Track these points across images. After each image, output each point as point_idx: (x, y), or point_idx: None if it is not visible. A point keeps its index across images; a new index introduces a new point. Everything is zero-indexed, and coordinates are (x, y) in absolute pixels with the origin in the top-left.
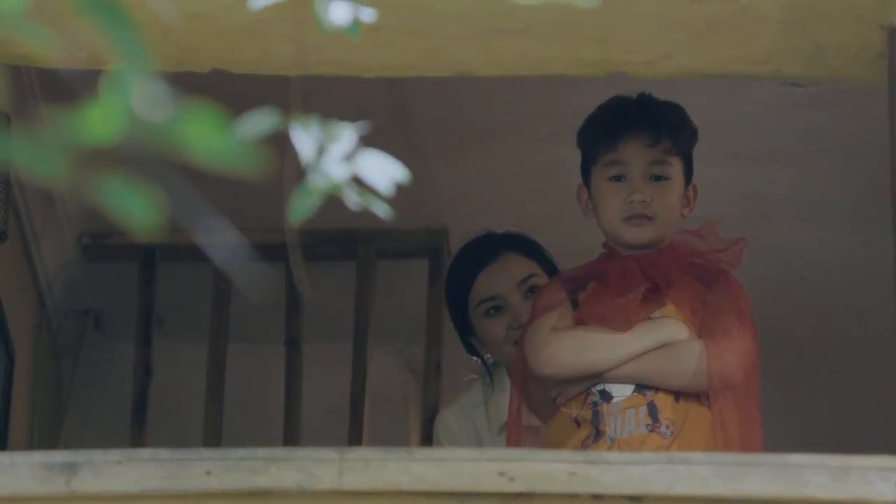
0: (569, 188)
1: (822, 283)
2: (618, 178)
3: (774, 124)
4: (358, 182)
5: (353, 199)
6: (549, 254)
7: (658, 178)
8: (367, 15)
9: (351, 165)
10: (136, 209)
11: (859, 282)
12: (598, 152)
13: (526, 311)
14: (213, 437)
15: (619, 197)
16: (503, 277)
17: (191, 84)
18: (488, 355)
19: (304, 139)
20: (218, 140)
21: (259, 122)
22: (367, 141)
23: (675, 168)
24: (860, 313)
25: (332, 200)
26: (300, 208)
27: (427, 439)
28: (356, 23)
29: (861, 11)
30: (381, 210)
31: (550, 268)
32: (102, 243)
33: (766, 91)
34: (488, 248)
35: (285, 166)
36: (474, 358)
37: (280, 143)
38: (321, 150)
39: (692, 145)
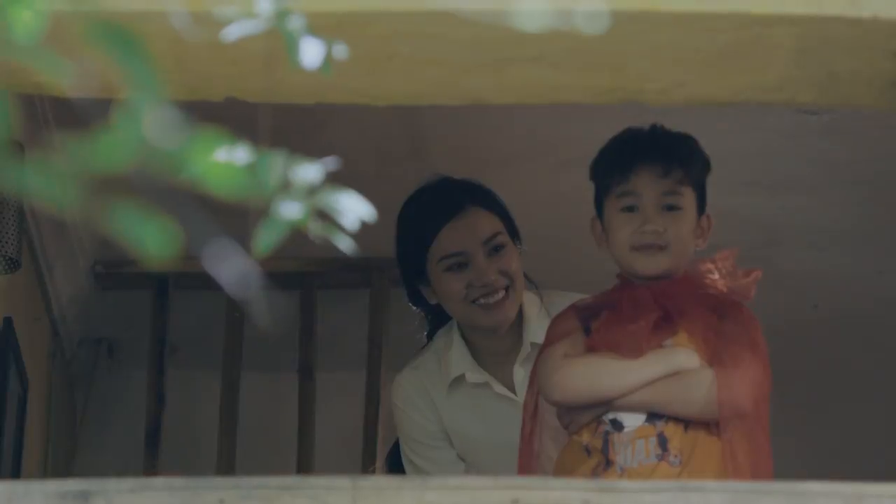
0: (582, 216)
1: (836, 311)
2: (630, 209)
3: (788, 152)
4: (323, 216)
5: (317, 233)
6: (510, 213)
7: (670, 208)
8: (340, 51)
9: (316, 199)
10: (150, 237)
11: (873, 310)
12: (610, 183)
13: (490, 271)
14: (227, 464)
15: (632, 227)
16: (470, 234)
17: (203, 112)
18: (421, 309)
19: (270, 172)
20: (230, 168)
21: (229, 153)
22: (380, 169)
23: (688, 198)
24: (874, 342)
25: (345, 229)
26: (265, 241)
27: None
28: (328, 60)
29: (874, 40)
30: (345, 245)
31: (511, 227)
32: (116, 272)
33: (779, 119)
34: (454, 199)
35: (250, 203)
36: (416, 308)
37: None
38: (286, 183)
39: (705, 176)
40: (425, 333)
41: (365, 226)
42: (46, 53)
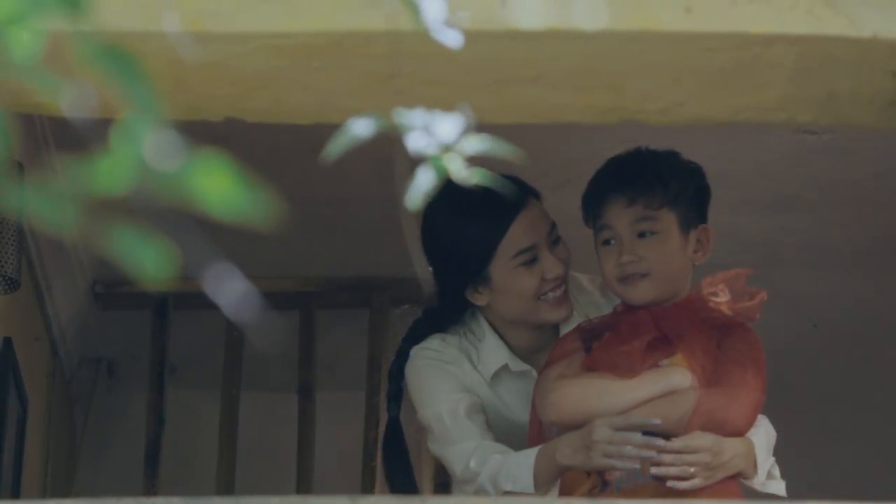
0: (581, 236)
1: (836, 330)
2: (608, 242)
3: (788, 171)
4: (469, 162)
5: (465, 176)
6: None
7: (645, 235)
8: (462, 19)
9: (460, 146)
10: (148, 258)
11: (873, 330)
12: (588, 219)
13: (559, 264)
14: (226, 485)
15: (612, 260)
16: (537, 226)
17: (203, 132)
18: (448, 311)
19: (411, 130)
20: (230, 189)
21: (362, 126)
22: (379, 191)
23: (664, 221)
24: (874, 361)
25: (346, 249)
26: (418, 193)
27: (441, 487)
28: (457, 28)
29: (873, 59)
30: (495, 182)
31: None
32: (115, 292)
33: (779, 138)
34: (517, 190)
35: (397, 160)
36: (442, 310)
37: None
38: (429, 137)
39: (686, 191)
40: (409, 333)
41: (364, 246)
42: (45, 74)
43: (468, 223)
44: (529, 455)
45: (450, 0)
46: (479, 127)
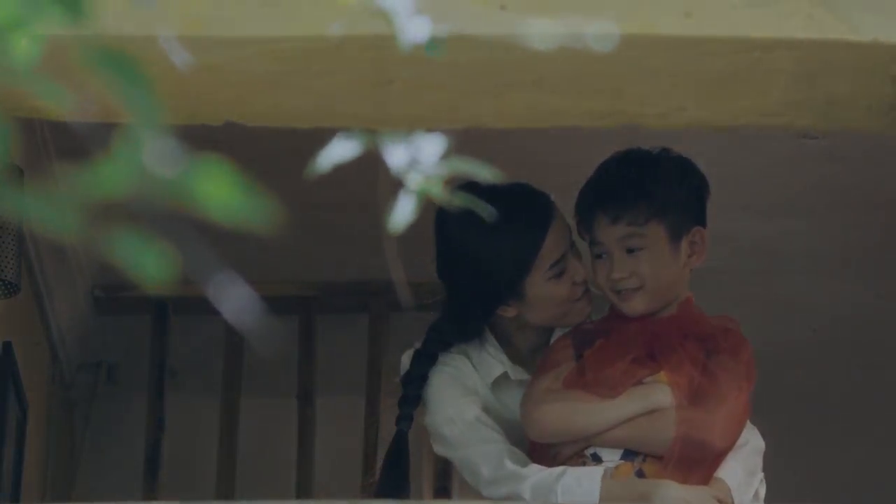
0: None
1: (835, 336)
2: (600, 256)
3: (787, 176)
4: (450, 185)
5: (448, 200)
6: None
7: (633, 250)
8: (442, 30)
9: (442, 169)
10: (149, 263)
11: (872, 335)
12: (580, 233)
13: (580, 267)
14: (226, 489)
15: (604, 273)
16: (564, 235)
17: (203, 137)
18: (464, 327)
19: (393, 152)
20: (230, 194)
21: (345, 145)
22: (377, 195)
23: (651, 235)
24: (873, 367)
25: (346, 254)
26: (399, 216)
27: (441, 491)
28: (435, 39)
29: (873, 64)
30: (482, 209)
31: None
32: (115, 296)
33: (779, 143)
34: (547, 202)
35: (379, 181)
36: (459, 324)
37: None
38: (412, 160)
39: (675, 197)
40: (419, 351)
41: (363, 251)
42: (45, 79)
43: (504, 242)
44: (595, 473)
45: (448, 4)
46: (479, 131)
